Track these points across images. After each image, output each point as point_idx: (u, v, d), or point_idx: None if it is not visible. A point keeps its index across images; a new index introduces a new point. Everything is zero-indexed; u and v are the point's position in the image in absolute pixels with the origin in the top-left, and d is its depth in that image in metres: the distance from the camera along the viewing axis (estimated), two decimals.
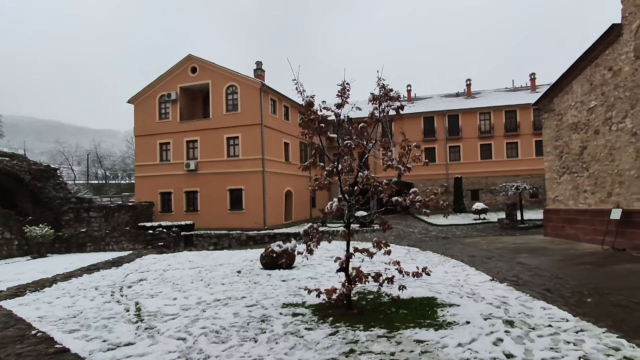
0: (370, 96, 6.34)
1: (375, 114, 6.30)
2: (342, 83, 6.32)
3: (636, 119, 11.09)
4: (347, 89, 6.29)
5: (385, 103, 6.24)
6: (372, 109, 6.39)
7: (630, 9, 11.30)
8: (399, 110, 6.25)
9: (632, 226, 11.06)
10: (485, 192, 35.81)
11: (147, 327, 6.08)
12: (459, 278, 8.55)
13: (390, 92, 6.20)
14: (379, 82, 6.31)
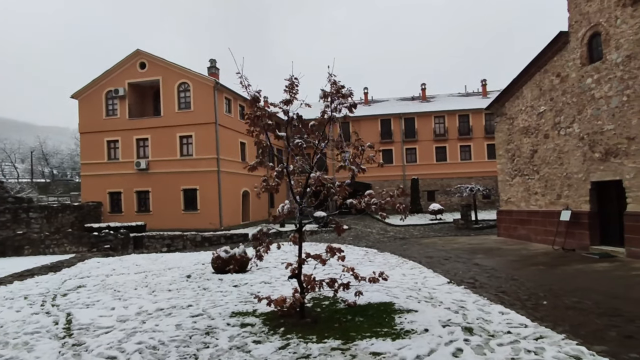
0: (321, 93, 5.87)
1: (326, 111, 5.85)
2: (290, 78, 5.81)
3: (583, 124, 11.43)
4: (295, 85, 5.79)
5: (338, 101, 5.79)
6: (323, 107, 5.94)
7: (577, 18, 11.66)
8: (352, 109, 5.83)
9: (580, 227, 11.40)
10: (440, 193, 36.67)
11: (75, 343, 5.32)
12: (416, 281, 8.30)
13: (342, 88, 5.77)
14: (330, 78, 5.86)
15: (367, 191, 6.30)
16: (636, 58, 9.62)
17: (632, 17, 9.71)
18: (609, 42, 10.44)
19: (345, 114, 6.10)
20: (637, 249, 9.49)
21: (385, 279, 6.39)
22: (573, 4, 11.77)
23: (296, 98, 5.95)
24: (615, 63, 10.23)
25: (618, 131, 10.19)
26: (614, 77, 10.27)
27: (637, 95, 9.61)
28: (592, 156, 11.09)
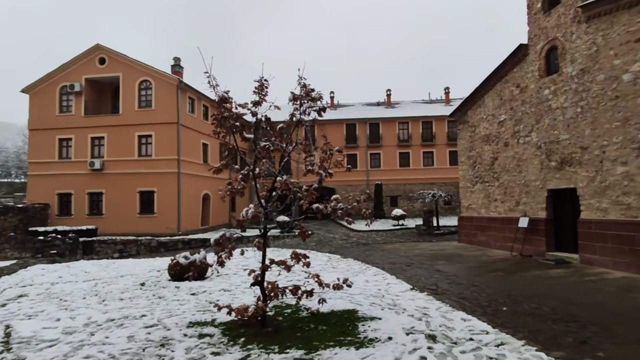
0: (290, 95, 5.75)
1: (295, 114, 5.72)
2: (259, 79, 5.64)
3: (541, 133, 11.96)
4: (265, 86, 5.63)
5: (307, 104, 5.69)
6: (292, 110, 5.81)
7: (536, 32, 12.22)
8: (321, 113, 5.75)
9: (537, 234, 11.88)
10: (403, 199, 37.37)
11: (14, 358, 4.84)
12: (380, 287, 8.29)
13: (312, 92, 5.68)
14: (300, 81, 5.76)
15: (334, 196, 6.21)
16: (589, 72, 10.17)
17: (586, 33, 10.28)
18: (565, 56, 10.99)
19: (315, 117, 6.01)
20: (590, 255, 9.99)
21: (349, 285, 6.32)
22: (532, 18, 12.33)
23: (265, 100, 5.81)
24: (571, 76, 10.78)
25: (572, 141, 10.73)
26: (569, 89, 10.82)
27: (590, 107, 10.16)
28: (548, 164, 11.62)
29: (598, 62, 9.92)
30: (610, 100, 9.57)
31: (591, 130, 10.11)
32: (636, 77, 8.93)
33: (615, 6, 9.42)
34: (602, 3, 9.75)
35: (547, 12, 11.73)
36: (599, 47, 9.89)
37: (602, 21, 9.83)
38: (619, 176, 9.34)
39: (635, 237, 8.81)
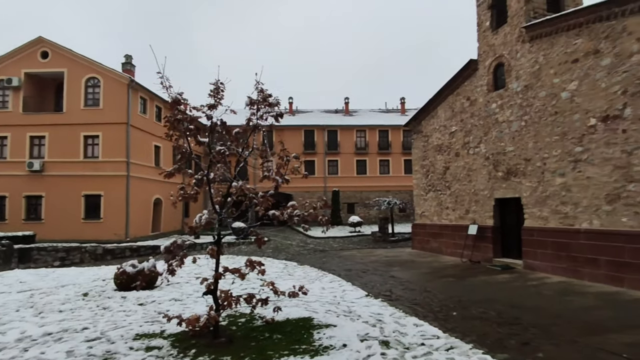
0: (247, 100, 5.69)
1: (252, 119, 5.66)
2: (215, 82, 5.53)
3: (488, 144, 12.62)
4: (221, 89, 5.53)
5: (264, 109, 5.65)
6: (249, 115, 5.75)
7: (485, 48, 12.93)
8: (278, 118, 5.72)
9: (485, 241, 12.48)
10: (360, 206, 37.96)
11: None
12: (335, 294, 8.34)
13: (270, 97, 5.65)
14: (257, 85, 5.72)
15: (290, 202, 6.18)
16: (532, 88, 10.90)
17: (529, 52, 11.02)
18: (511, 72, 11.72)
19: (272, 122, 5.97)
20: (532, 261, 10.63)
21: (305, 293, 6.29)
22: (482, 36, 13.05)
23: (221, 103, 5.71)
24: (516, 91, 11.50)
25: (517, 153, 11.42)
26: (515, 104, 11.53)
27: (532, 121, 10.87)
28: (495, 175, 12.28)
29: (540, 79, 10.66)
30: (550, 116, 10.30)
31: (534, 143, 10.82)
32: (573, 95, 9.69)
33: (554, 29, 10.19)
34: (543, 25, 10.51)
35: (495, 30, 12.47)
36: (541, 65, 10.63)
37: (543, 42, 10.59)
38: (557, 187, 10.04)
39: (571, 244, 9.49)
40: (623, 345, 5.14)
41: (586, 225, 9.24)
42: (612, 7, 8.70)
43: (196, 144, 5.61)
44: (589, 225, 9.18)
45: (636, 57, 8.24)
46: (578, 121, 9.51)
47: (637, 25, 8.25)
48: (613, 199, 8.65)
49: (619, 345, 5.14)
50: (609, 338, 5.40)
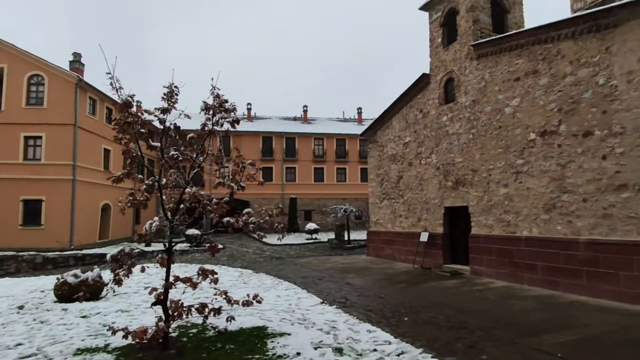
0: (202, 105, 5.57)
1: (207, 124, 5.55)
2: (169, 86, 5.37)
3: (439, 155, 13.15)
4: (175, 93, 5.38)
5: (220, 115, 5.56)
6: (204, 120, 5.63)
7: (436, 63, 13.52)
8: (234, 124, 5.64)
9: (436, 247, 12.93)
10: (317, 213, 38.12)
11: None
12: (290, 302, 8.28)
13: (226, 103, 5.57)
14: (213, 90, 5.62)
15: (246, 210, 6.10)
16: (479, 103, 11.52)
17: (476, 69, 11.66)
18: (460, 87, 12.33)
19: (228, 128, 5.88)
20: (478, 267, 11.14)
21: (259, 301, 6.20)
22: (434, 51, 13.64)
23: (175, 107, 5.54)
24: (464, 106, 12.10)
25: (465, 164, 11.99)
26: (463, 118, 12.12)
27: (479, 134, 11.47)
28: (445, 184, 12.80)
29: (486, 95, 11.29)
30: (495, 130, 10.93)
31: (480, 155, 11.41)
32: (515, 110, 10.34)
33: (498, 48, 10.86)
34: (488, 44, 11.18)
35: (446, 47, 13.08)
36: (487, 82, 11.28)
37: (489, 60, 11.25)
38: (501, 196, 10.64)
39: (513, 251, 10.06)
40: (556, 345, 5.50)
41: (526, 233, 9.84)
42: (548, 31, 9.42)
43: (148, 149, 5.40)
44: (528, 232, 9.79)
45: (569, 78, 8.96)
46: (519, 135, 10.16)
47: (570, 49, 8.99)
48: (549, 209, 9.28)
49: (552, 345, 5.49)
50: (544, 339, 5.76)
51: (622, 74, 7.92)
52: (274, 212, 6.07)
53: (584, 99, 8.62)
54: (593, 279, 8.18)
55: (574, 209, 8.73)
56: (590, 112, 8.48)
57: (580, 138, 8.66)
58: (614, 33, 8.11)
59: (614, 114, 8.04)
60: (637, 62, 7.67)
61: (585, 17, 8.65)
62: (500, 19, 12.39)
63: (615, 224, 7.95)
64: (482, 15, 12.01)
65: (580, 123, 8.69)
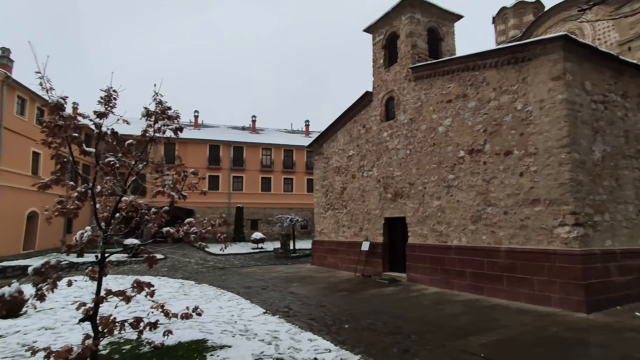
0: (143, 111, 5.32)
1: (148, 131, 5.29)
2: (107, 89, 5.07)
3: (380, 169, 13.59)
4: (113, 97, 5.07)
5: (163, 122, 5.33)
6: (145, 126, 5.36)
7: (378, 82, 14.05)
8: (177, 132, 5.44)
9: (376, 256, 13.25)
10: (263, 222, 37.58)
11: None
12: (233, 313, 8.03)
13: (169, 110, 5.35)
14: (155, 97, 5.39)
15: (187, 219, 5.86)
16: (416, 121, 12.11)
17: (414, 90, 12.28)
18: (399, 106, 12.89)
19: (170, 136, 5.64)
20: (414, 274, 11.58)
21: (199, 314, 5.95)
22: (377, 71, 14.17)
23: (112, 112, 5.21)
24: (403, 123, 12.65)
25: (403, 177, 12.49)
26: (402, 134, 12.66)
27: (416, 150, 12.03)
28: (385, 196, 13.22)
29: (422, 114, 11.91)
30: (429, 147, 11.53)
31: (416, 170, 11.95)
32: (447, 130, 11.00)
33: (433, 72, 11.54)
34: (424, 68, 11.84)
35: (387, 67, 13.65)
36: (423, 102, 11.90)
37: (425, 82, 11.90)
38: (434, 208, 11.19)
39: (445, 259, 10.59)
40: (480, 345, 5.84)
41: (456, 242, 10.42)
42: (476, 60, 10.18)
43: (81, 154, 5.02)
44: (458, 242, 10.37)
45: (493, 103, 9.72)
46: (451, 152, 10.80)
47: (493, 77, 9.78)
48: (476, 220, 9.92)
49: (477, 346, 5.82)
50: (470, 340, 6.08)
51: (535, 102, 8.75)
52: (216, 222, 5.89)
53: (505, 122, 9.38)
54: (512, 284, 8.82)
55: (497, 221, 9.41)
56: (510, 133, 9.25)
57: (502, 156, 9.39)
58: (529, 66, 8.95)
59: (529, 136, 8.83)
60: (548, 92, 8.51)
61: (506, 50, 9.48)
62: (436, 46, 13.20)
63: (529, 234, 8.67)
64: (420, 41, 12.71)
65: (502, 143, 9.43)
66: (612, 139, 9.03)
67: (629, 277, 8.50)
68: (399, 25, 13.16)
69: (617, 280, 8.27)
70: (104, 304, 5.22)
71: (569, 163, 8.06)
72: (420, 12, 12.89)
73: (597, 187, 8.49)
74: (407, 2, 12.73)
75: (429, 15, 13.07)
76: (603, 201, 8.55)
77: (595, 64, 9.01)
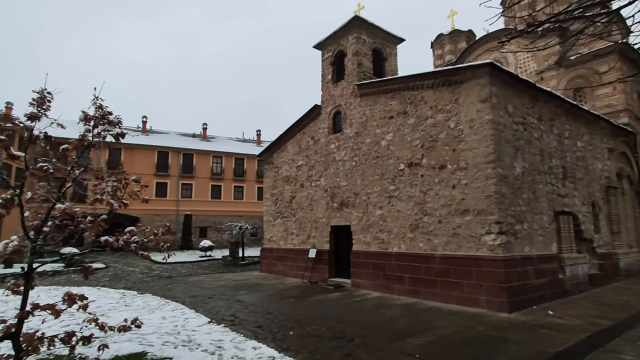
0: (82, 115, 4.94)
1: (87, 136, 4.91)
2: (40, 91, 4.65)
3: (327, 179, 13.72)
4: (47, 100, 4.66)
5: (103, 127, 4.98)
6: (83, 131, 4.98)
7: (326, 97, 14.26)
8: (118, 137, 5.10)
9: (322, 263, 13.28)
10: (213, 230, 36.36)
11: None
12: (176, 324, 7.61)
13: (110, 114, 5.02)
14: (95, 101, 5.04)
15: (128, 228, 5.48)
16: (361, 135, 12.41)
17: (360, 105, 12.60)
18: (346, 120, 13.15)
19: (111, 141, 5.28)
20: (358, 280, 11.74)
21: (139, 326, 5.54)
22: (325, 86, 14.39)
23: (46, 115, 4.77)
24: (349, 136, 12.90)
25: (349, 187, 12.70)
26: (348, 147, 12.90)
27: (360, 162, 12.30)
28: (332, 205, 13.35)
29: (367, 129, 12.23)
30: (373, 159, 11.85)
31: (361, 180, 12.21)
32: (389, 144, 11.38)
33: (377, 90, 11.94)
34: (369, 86, 12.22)
35: (335, 83, 13.91)
36: (367, 117, 12.24)
37: (369, 99, 12.26)
38: (377, 217, 11.48)
39: (386, 265, 10.86)
40: (416, 347, 6.01)
41: (396, 249, 10.73)
42: (415, 81, 10.69)
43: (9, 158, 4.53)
44: (398, 249, 10.69)
45: (430, 121, 10.23)
46: (392, 165, 11.17)
47: (430, 97, 10.31)
48: (414, 228, 10.31)
49: (413, 347, 5.99)
50: (407, 342, 6.24)
51: (466, 121, 9.33)
52: (160, 230, 5.57)
53: (440, 138, 9.90)
54: (445, 288, 9.23)
55: (432, 229, 9.83)
56: (445, 149, 9.76)
57: (437, 170, 9.88)
58: (461, 88, 9.56)
59: (461, 152, 9.38)
60: (476, 113, 9.12)
61: (441, 73, 10.05)
62: (380, 66, 13.69)
63: (461, 241, 9.16)
64: (365, 60, 13.12)
65: (437, 158, 9.92)
66: (530, 157, 9.85)
67: (543, 280, 9.24)
68: (347, 44, 13.50)
69: (534, 283, 8.96)
70: (31, 319, 4.70)
71: (495, 177, 8.65)
72: (367, 33, 13.34)
73: (517, 199, 9.19)
74: (355, 23, 13.12)
75: (374, 37, 13.55)
76: (522, 212, 9.26)
77: (516, 90, 9.82)
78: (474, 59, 20.47)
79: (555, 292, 9.52)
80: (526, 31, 4.92)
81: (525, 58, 19.02)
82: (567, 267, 10.24)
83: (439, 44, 26.39)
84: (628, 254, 13.81)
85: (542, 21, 4.54)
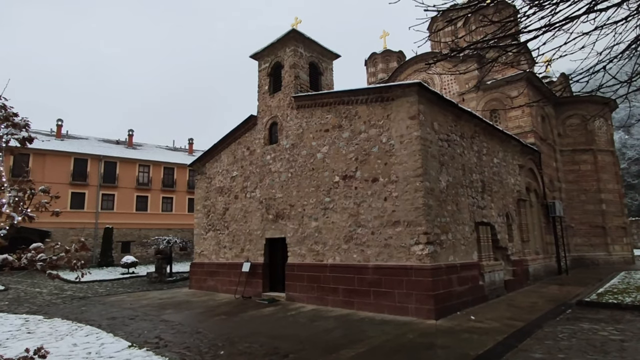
0: None
1: None
2: None
3: (263, 190, 13.56)
4: None
5: (7, 130, 4.43)
6: None
7: (263, 107, 14.20)
8: (25, 142, 4.57)
9: (256, 277, 12.99)
10: (137, 245, 33.86)
11: None
12: (90, 351, 6.89)
13: (15, 116, 4.49)
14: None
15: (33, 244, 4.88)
16: (297, 147, 12.51)
17: (296, 117, 12.72)
18: (282, 131, 13.18)
19: (15, 146, 4.70)
20: (293, 293, 11.66)
21: (43, 356, 4.90)
22: (261, 97, 14.32)
23: None
24: (285, 148, 12.93)
25: (285, 199, 12.67)
26: (284, 158, 12.91)
27: (296, 174, 12.37)
28: (267, 217, 13.19)
29: (303, 140, 12.37)
30: (309, 171, 11.98)
31: (297, 192, 12.26)
32: (324, 156, 11.61)
33: (314, 102, 12.17)
34: (306, 98, 12.42)
35: (272, 94, 13.91)
36: (304, 129, 12.40)
37: (306, 111, 12.45)
38: (312, 229, 11.57)
39: (321, 277, 10.96)
40: (349, 358, 6.10)
41: (331, 261, 10.89)
42: (349, 95, 11.10)
43: None
44: (333, 260, 10.86)
45: (363, 135, 10.66)
46: (327, 177, 11.40)
47: (364, 112, 10.76)
48: (348, 239, 10.56)
49: (347, 359, 6.07)
50: (341, 354, 6.32)
51: (397, 136, 9.88)
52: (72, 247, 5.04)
53: (373, 152, 10.34)
54: (378, 297, 9.55)
55: (366, 240, 10.16)
56: (377, 162, 10.21)
57: (370, 183, 10.28)
58: (392, 105, 10.12)
59: (392, 166, 9.88)
60: (406, 129, 9.71)
61: (374, 89, 10.56)
62: (317, 79, 14.00)
63: (392, 252, 9.58)
64: (302, 73, 13.33)
65: (370, 171, 10.34)
66: (453, 171, 10.68)
67: (465, 287, 9.98)
68: (284, 56, 13.61)
69: (457, 290, 9.64)
70: None
71: (422, 190, 9.23)
72: (304, 47, 13.59)
73: (442, 210, 9.88)
74: (292, 36, 13.31)
75: (311, 51, 13.85)
76: (447, 223, 9.97)
77: (441, 108, 10.65)
78: (404, 78, 21.84)
79: (476, 297, 10.33)
80: (449, 55, 5.37)
81: (449, 80, 20.76)
82: (486, 274, 11.19)
83: (372, 62, 27.75)
84: (535, 260, 15.51)
85: (462, 47, 5.00)
